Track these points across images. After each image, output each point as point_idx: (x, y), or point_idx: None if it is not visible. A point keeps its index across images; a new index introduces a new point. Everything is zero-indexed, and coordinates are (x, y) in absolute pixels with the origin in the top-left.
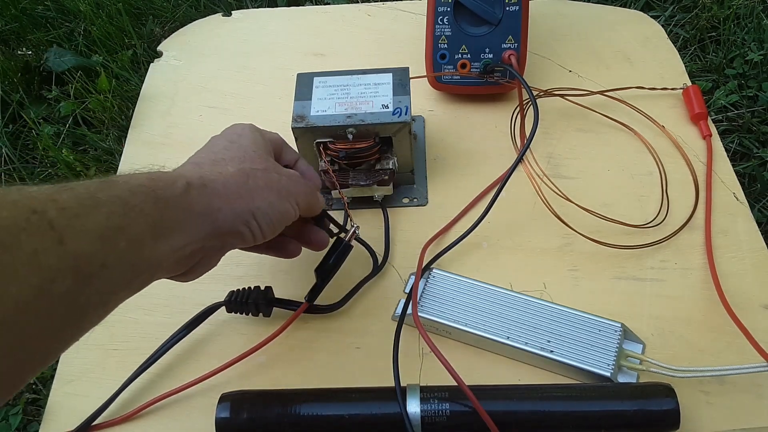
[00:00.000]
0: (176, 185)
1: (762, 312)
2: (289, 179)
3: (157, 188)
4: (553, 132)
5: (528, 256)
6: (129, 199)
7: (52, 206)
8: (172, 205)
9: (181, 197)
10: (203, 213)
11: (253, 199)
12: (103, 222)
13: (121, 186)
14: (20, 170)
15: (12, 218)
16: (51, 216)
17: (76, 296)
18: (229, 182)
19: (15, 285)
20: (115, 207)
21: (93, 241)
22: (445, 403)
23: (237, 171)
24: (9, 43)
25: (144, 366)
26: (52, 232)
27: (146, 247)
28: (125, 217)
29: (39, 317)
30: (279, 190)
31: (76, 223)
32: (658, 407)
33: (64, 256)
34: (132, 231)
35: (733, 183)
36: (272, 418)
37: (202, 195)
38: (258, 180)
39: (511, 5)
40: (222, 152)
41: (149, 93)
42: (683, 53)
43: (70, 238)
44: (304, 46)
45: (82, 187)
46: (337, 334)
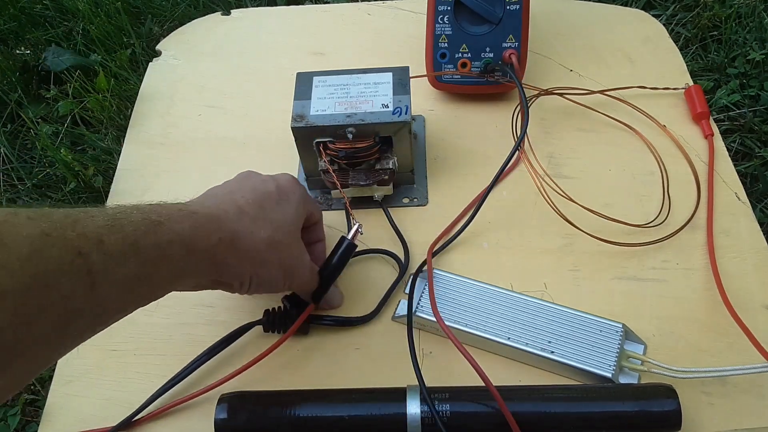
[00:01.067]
0: (211, 239)
1: (764, 312)
2: (301, 265)
3: (194, 239)
4: (554, 131)
5: (529, 257)
6: (166, 250)
7: (97, 250)
8: (198, 257)
9: (210, 251)
10: (218, 264)
11: (261, 267)
12: (134, 271)
13: (164, 233)
14: (18, 170)
15: (60, 260)
16: (92, 260)
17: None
18: (252, 249)
19: (41, 325)
20: (151, 256)
21: (119, 289)
22: (445, 404)
23: (267, 238)
24: (7, 43)
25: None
26: (87, 277)
27: (162, 291)
28: (156, 266)
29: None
30: (286, 270)
31: (110, 270)
32: (659, 408)
33: (90, 301)
34: (156, 279)
35: (734, 183)
36: (271, 420)
37: (228, 253)
38: (277, 253)
39: (512, 4)
40: (267, 211)
41: (148, 92)
42: (685, 52)
43: (102, 285)
44: (303, 46)
45: (131, 227)
46: (337, 334)
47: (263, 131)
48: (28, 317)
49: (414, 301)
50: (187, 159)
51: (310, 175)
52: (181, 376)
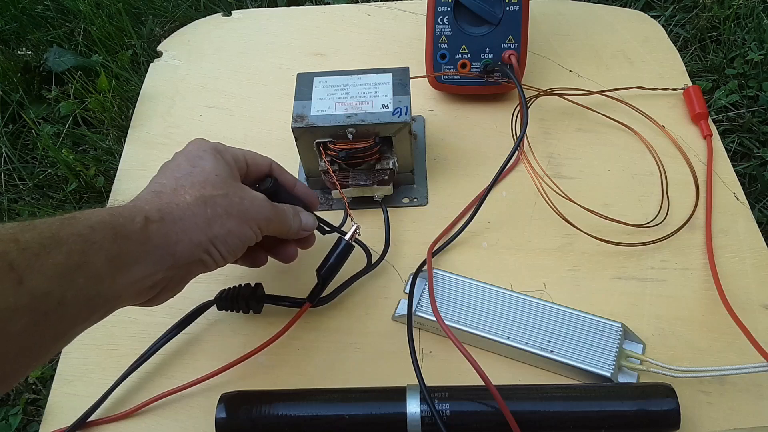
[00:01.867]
0: (135, 220)
1: (762, 312)
2: (252, 203)
3: (116, 224)
4: (554, 132)
5: (528, 256)
6: (89, 236)
7: (14, 247)
8: (131, 240)
9: (140, 232)
10: (162, 246)
11: (211, 227)
12: (63, 260)
13: (82, 223)
14: (20, 170)
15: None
16: (12, 257)
17: (31, 333)
18: (186, 213)
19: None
20: (75, 245)
21: (51, 279)
22: (445, 403)
23: (195, 200)
24: (9, 43)
25: (137, 364)
26: (12, 273)
27: (104, 282)
28: (84, 254)
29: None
30: (239, 215)
31: (35, 263)
32: (658, 407)
33: (22, 295)
34: (91, 268)
35: (733, 183)
36: (272, 419)
37: (160, 228)
38: (217, 207)
39: (511, 5)
40: (184, 178)
41: (149, 93)
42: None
43: (29, 277)
44: (304, 46)
45: (45, 225)
46: (337, 334)
47: (264, 131)
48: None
49: (414, 300)
50: None
51: (311, 175)
52: (137, 364)
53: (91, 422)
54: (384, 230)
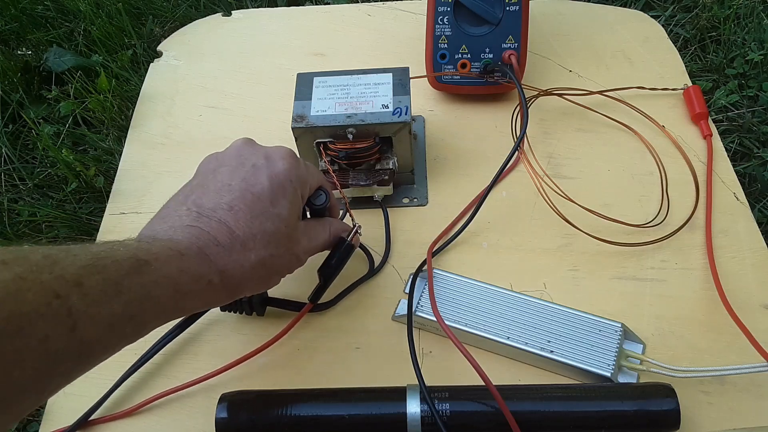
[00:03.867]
0: (199, 284)
1: (762, 312)
2: (299, 259)
3: (181, 283)
4: (554, 132)
5: (528, 256)
6: (151, 291)
7: (76, 292)
8: (189, 298)
9: (201, 292)
10: (211, 302)
11: (259, 287)
12: (119, 311)
13: (150, 275)
14: (20, 170)
15: (35, 302)
16: (72, 302)
17: (73, 371)
18: (245, 277)
19: (18, 370)
20: (135, 297)
21: (103, 329)
22: (445, 403)
23: (258, 262)
24: (9, 43)
25: (138, 363)
26: (68, 319)
27: (148, 328)
28: (141, 307)
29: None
30: (288, 271)
31: (92, 311)
32: (658, 407)
33: (73, 342)
34: (141, 319)
35: (733, 183)
36: (272, 419)
37: (218, 291)
38: (273, 268)
39: (511, 5)
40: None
41: (149, 93)
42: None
43: (83, 325)
44: (304, 46)
45: (114, 267)
46: (337, 334)
47: (264, 131)
48: (5, 363)
49: (414, 300)
50: (187, 159)
51: None
52: (139, 364)
53: (92, 421)
54: (384, 230)
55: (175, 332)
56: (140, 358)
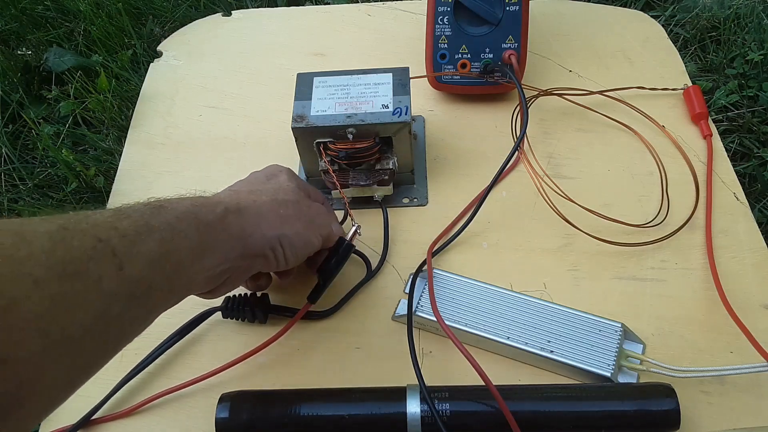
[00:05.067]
0: (216, 210)
1: (762, 312)
2: (318, 211)
3: (199, 213)
4: (554, 132)
5: (528, 256)
6: (176, 225)
7: (115, 234)
8: (211, 230)
9: (220, 221)
10: (237, 236)
11: (282, 226)
12: (155, 248)
13: (169, 212)
14: (20, 170)
15: (82, 247)
16: (114, 244)
17: (125, 316)
18: (262, 209)
19: (81, 310)
20: (165, 233)
21: (145, 266)
22: (445, 403)
23: (270, 201)
24: (9, 43)
25: (141, 366)
26: (114, 258)
27: (186, 269)
28: (172, 242)
29: (97, 335)
30: (307, 221)
31: (133, 250)
32: (658, 407)
33: (123, 281)
34: (176, 255)
35: (733, 183)
36: (272, 419)
37: (238, 219)
38: (288, 209)
39: (511, 5)
40: (259, 185)
41: (149, 93)
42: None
43: (128, 264)
44: (304, 46)
45: (138, 213)
46: (337, 334)
47: (264, 131)
48: (66, 304)
49: (414, 300)
50: (187, 159)
51: (311, 175)
52: (142, 366)
53: (92, 420)
54: (383, 231)
55: (178, 336)
56: (143, 360)
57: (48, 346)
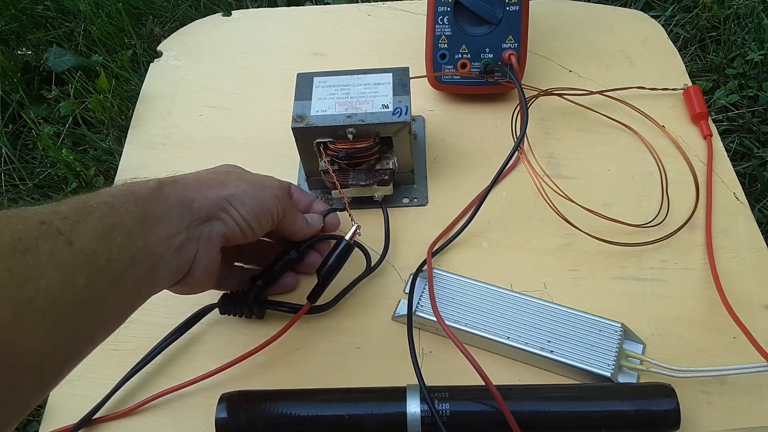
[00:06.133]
0: (149, 184)
1: (762, 312)
2: (267, 177)
3: (134, 190)
4: (554, 132)
5: (528, 256)
6: (114, 203)
7: (56, 217)
8: (150, 201)
9: (156, 193)
10: (179, 203)
11: (225, 188)
12: (99, 224)
13: (105, 194)
14: (20, 170)
15: (27, 229)
16: (57, 224)
17: (94, 288)
18: (200, 177)
19: (44, 279)
20: (105, 210)
21: (95, 239)
22: (445, 403)
23: (207, 171)
24: (9, 43)
25: (140, 365)
26: (61, 236)
27: (138, 239)
28: (114, 217)
29: (69, 305)
30: (254, 183)
31: (77, 228)
32: (658, 407)
33: (76, 254)
34: (123, 228)
35: (733, 183)
36: (272, 419)
37: (175, 189)
38: (229, 176)
39: (511, 5)
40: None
41: (149, 93)
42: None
43: (76, 239)
44: (304, 46)
45: (74, 199)
46: (337, 334)
47: (264, 131)
48: (25, 275)
49: (414, 300)
50: (187, 159)
51: (311, 175)
52: (141, 365)
53: (92, 420)
54: (384, 230)
55: (177, 334)
56: (142, 358)
57: (17, 312)
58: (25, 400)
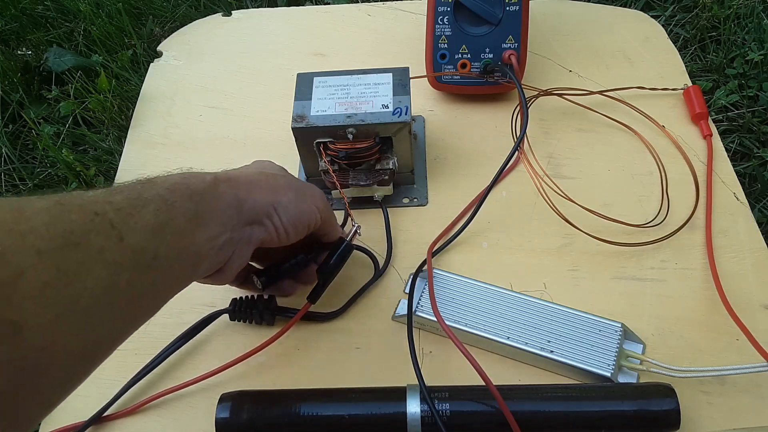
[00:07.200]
0: (206, 179)
1: (762, 312)
2: (309, 186)
3: (190, 184)
4: (554, 132)
5: (528, 256)
6: (169, 197)
7: (110, 208)
8: (205, 198)
9: (212, 189)
10: (231, 204)
11: (274, 193)
12: (152, 219)
13: (161, 185)
14: (20, 170)
15: (80, 221)
16: (111, 217)
17: (136, 286)
18: (251, 178)
19: (90, 279)
20: (159, 204)
21: (146, 236)
22: (445, 403)
23: (257, 172)
24: (9, 43)
25: (147, 368)
26: (113, 230)
27: (187, 237)
28: (168, 212)
29: (108, 305)
30: (298, 191)
31: (130, 222)
32: (658, 407)
33: (125, 251)
34: (175, 224)
35: (733, 183)
36: (272, 418)
37: (230, 187)
38: (278, 180)
39: (511, 5)
40: (245, 168)
41: (149, 93)
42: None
43: (128, 234)
44: (304, 46)
45: (129, 189)
46: (337, 334)
47: (264, 131)
48: (72, 273)
49: (414, 300)
50: (188, 159)
51: (311, 175)
52: (150, 368)
53: (99, 419)
54: (384, 230)
55: (184, 340)
56: (150, 362)
57: (60, 314)
58: (52, 401)
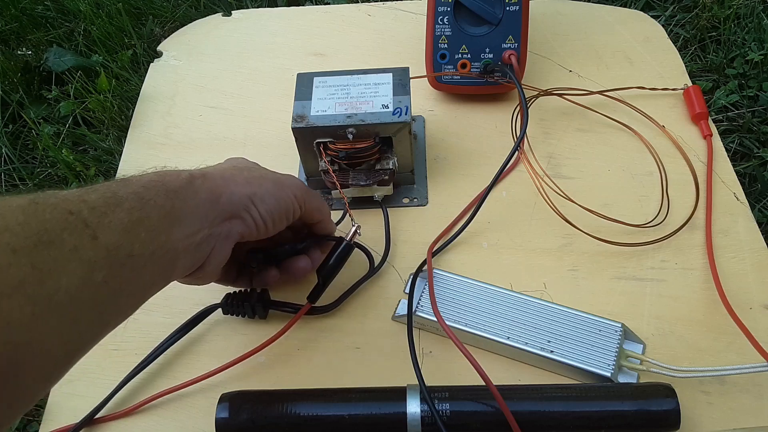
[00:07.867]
0: (181, 176)
1: (763, 312)
2: (285, 176)
3: (165, 181)
4: (554, 132)
5: (528, 256)
6: (144, 194)
7: (84, 207)
8: (180, 195)
9: (187, 186)
10: (207, 199)
11: (250, 185)
12: (126, 217)
13: (135, 183)
14: (20, 170)
15: (54, 219)
16: (85, 215)
17: (112, 284)
18: (226, 173)
19: (65, 276)
20: (134, 202)
21: (119, 234)
22: (445, 403)
23: (232, 168)
24: (9, 43)
25: (142, 365)
26: (87, 229)
27: (162, 234)
28: (142, 210)
29: (85, 303)
30: (275, 181)
31: (104, 220)
32: (658, 407)
33: (99, 249)
34: (149, 222)
35: (733, 183)
36: (272, 418)
37: (205, 183)
38: (252, 173)
39: (511, 5)
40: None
41: (149, 93)
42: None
43: (102, 233)
44: (304, 46)
45: (104, 187)
46: (337, 334)
47: (264, 131)
48: (47, 271)
49: (414, 300)
50: (188, 159)
51: (311, 175)
52: (144, 364)
53: (93, 420)
54: (384, 230)
55: (179, 334)
56: (144, 358)
57: (36, 311)
58: (29, 398)
